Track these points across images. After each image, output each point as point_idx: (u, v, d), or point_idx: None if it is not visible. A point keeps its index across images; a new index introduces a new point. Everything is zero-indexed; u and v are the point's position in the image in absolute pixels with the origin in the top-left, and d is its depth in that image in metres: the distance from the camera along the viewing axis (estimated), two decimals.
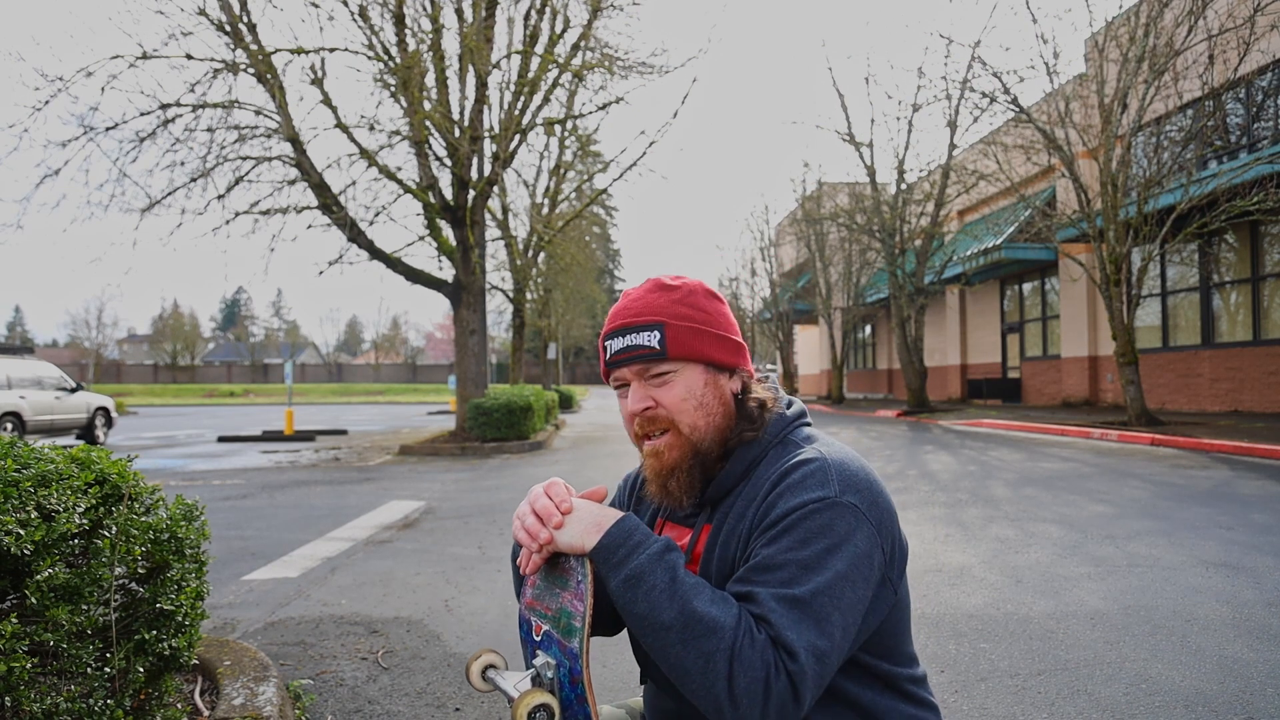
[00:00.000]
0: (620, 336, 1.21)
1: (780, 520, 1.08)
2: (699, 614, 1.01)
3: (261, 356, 76.58)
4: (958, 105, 17.11)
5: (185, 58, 11.42)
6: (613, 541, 1.09)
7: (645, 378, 1.20)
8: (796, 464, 1.13)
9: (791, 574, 1.04)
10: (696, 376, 1.20)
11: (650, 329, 1.19)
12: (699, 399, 1.19)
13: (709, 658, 0.99)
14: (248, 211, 12.38)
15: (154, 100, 11.42)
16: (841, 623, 1.04)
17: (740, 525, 1.15)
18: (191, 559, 2.08)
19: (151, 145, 11.64)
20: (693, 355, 1.20)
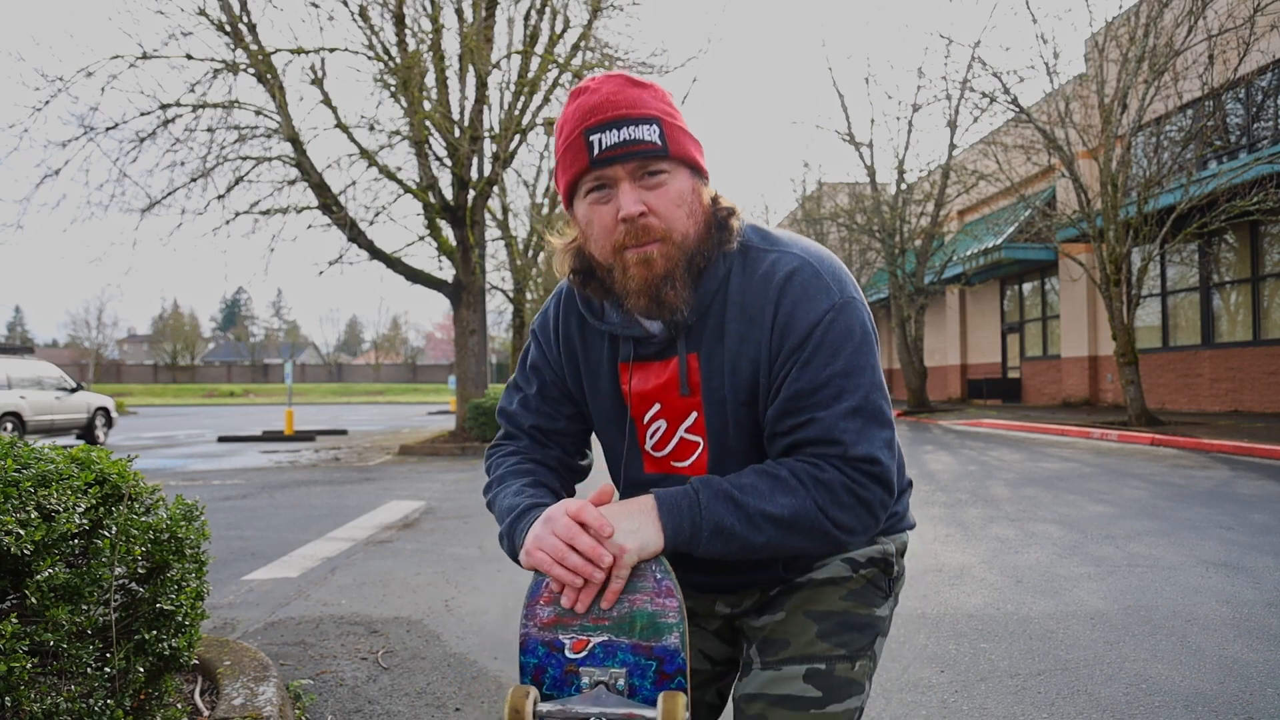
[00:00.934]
0: (615, 129, 1.07)
1: (805, 340, 1.09)
2: (782, 517, 1.06)
3: (261, 356, 76.57)
4: (958, 105, 17.11)
5: (185, 58, 11.42)
6: (678, 526, 1.06)
7: (638, 178, 1.09)
8: (788, 275, 1.12)
9: (839, 386, 1.08)
10: (685, 180, 1.12)
11: (649, 123, 1.08)
12: (689, 205, 1.12)
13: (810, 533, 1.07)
14: (248, 211, 12.38)
15: (154, 100, 11.43)
16: (886, 399, 1.13)
17: (746, 347, 1.13)
18: (191, 559, 2.08)
19: (151, 145, 11.65)
20: (684, 156, 1.12)
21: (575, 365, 1.28)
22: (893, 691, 2.69)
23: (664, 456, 1.23)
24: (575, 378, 1.29)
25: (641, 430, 1.24)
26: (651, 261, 1.10)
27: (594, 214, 1.12)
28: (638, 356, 1.21)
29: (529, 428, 1.33)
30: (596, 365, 1.25)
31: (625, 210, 1.08)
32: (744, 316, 1.13)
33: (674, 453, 1.22)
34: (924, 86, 17.61)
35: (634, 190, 1.09)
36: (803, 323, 1.09)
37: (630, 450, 1.25)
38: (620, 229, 1.09)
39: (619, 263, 1.12)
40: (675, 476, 1.21)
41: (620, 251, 1.11)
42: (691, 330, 1.16)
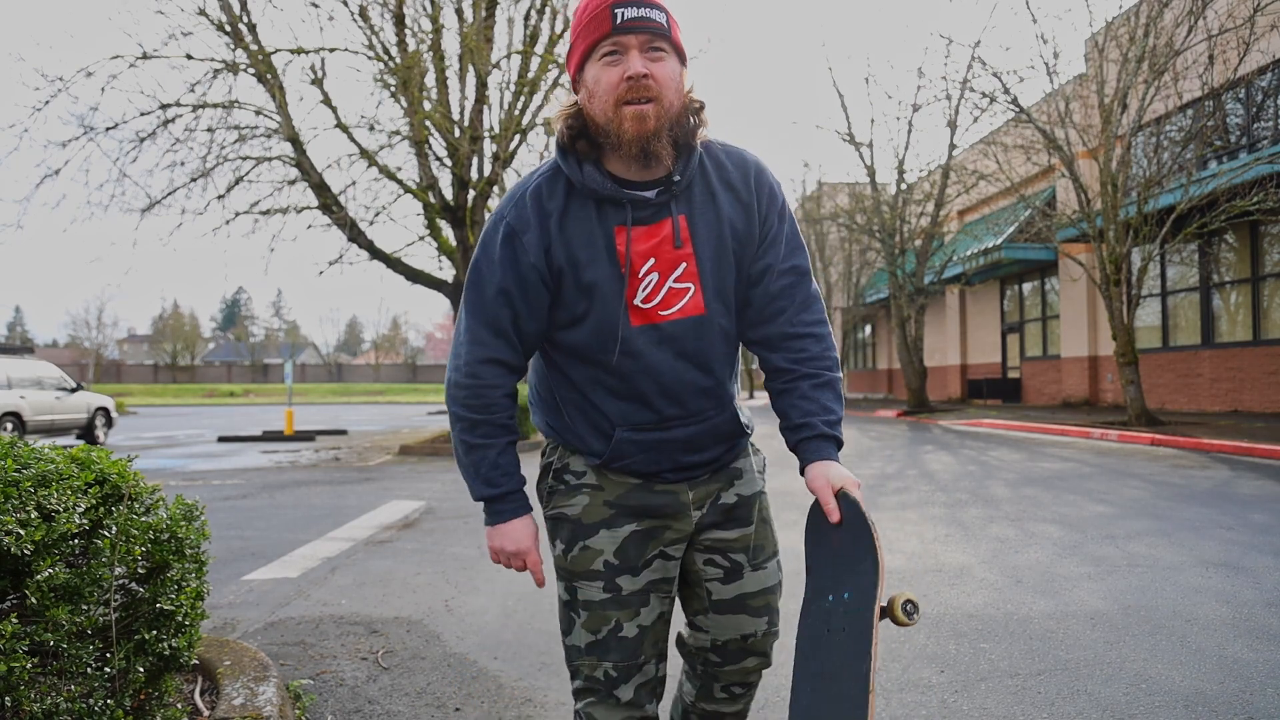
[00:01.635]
0: (635, 7, 1.36)
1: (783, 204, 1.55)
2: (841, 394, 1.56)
3: (261, 356, 76.55)
4: (958, 105, 17.11)
5: (185, 58, 11.43)
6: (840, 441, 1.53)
7: (646, 50, 1.37)
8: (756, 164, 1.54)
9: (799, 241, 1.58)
10: (675, 63, 1.41)
11: (659, 10, 1.38)
12: (676, 82, 1.40)
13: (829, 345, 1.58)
14: (248, 211, 12.39)
15: (154, 100, 11.44)
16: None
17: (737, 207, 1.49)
18: (191, 559, 2.08)
19: (151, 145, 11.66)
20: (679, 46, 1.42)
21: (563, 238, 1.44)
22: (893, 691, 2.69)
23: (651, 308, 1.46)
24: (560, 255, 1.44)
25: (634, 284, 1.45)
26: (645, 117, 1.35)
27: (603, 74, 1.38)
28: (636, 220, 1.44)
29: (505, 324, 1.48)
30: (587, 235, 1.44)
31: (633, 69, 1.35)
32: (728, 188, 1.49)
33: (662, 302, 1.46)
34: (924, 86, 17.61)
35: (640, 58, 1.36)
36: (778, 192, 1.54)
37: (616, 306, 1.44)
38: (624, 85, 1.35)
39: (617, 116, 1.37)
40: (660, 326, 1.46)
41: (620, 106, 1.36)
42: (680, 198, 1.46)
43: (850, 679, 1.29)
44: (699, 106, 1.45)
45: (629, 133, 1.36)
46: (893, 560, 4.55)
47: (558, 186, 1.45)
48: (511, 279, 1.45)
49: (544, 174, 1.48)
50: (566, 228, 1.44)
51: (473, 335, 1.49)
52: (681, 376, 1.48)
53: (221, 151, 11.76)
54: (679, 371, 1.48)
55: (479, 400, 1.49)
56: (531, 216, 1.44)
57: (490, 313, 1.47)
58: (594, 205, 1.43)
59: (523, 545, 1.53)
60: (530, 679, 2.90)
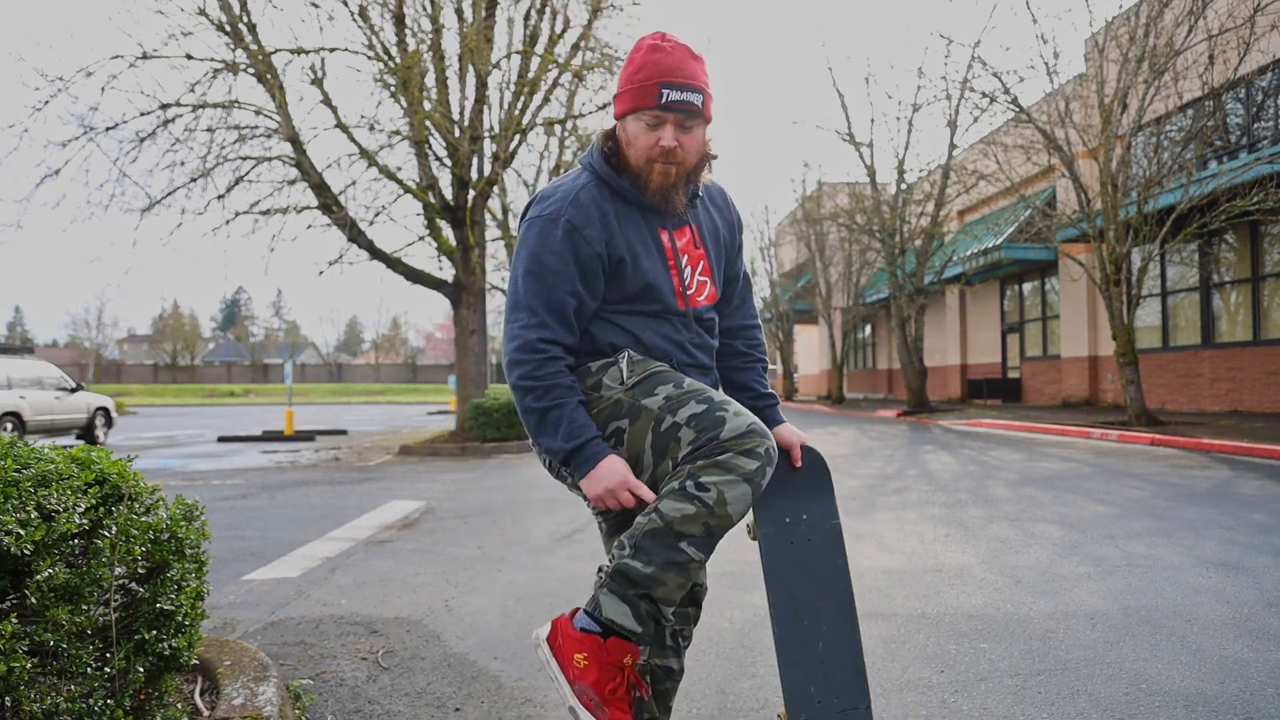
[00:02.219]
0: (680, 91, 1.65)
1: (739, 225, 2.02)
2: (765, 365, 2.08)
3: (261, 356, 76.52)
4: (958, 105, 17.11)
5: (185, 58, 11.43)
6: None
7: (678, 124, 1.68)
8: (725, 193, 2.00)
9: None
10: (704, 133, 1.75)
11: (699, 93, 1.68)
12: (700, 146, 1.75)
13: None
14: (248, 211, 12.38)
15: (154, 100, 11.44)
16: None
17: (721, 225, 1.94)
18: (191, 559, 2.08)
19: (151, 145, 11.65)
20: (709, 118, 1.74)
21: (624, 237, 1.75)
22: (892, 691, 2.69)
23: (692, 294, 1.84)
24: (621, 247, 1.74)
25: (676, 274, 1.82)
26: (669, 174, 1.72)
27: (642, 135, 1.69)
28: (675, 226, 1.84)
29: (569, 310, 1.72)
30: (640, 233, 1.78)
31: (667, 143, 1.67)
32: (717, 211, 1.95)
33: (696, 290, 1.86)
34: (924, 86, 17.62)
35: (675, 131, 1.69)
36: (740, 218, 2.02)
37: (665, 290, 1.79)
38: (657, 150, 1.68)
39: (647, 169, 1.71)
40: (698, 309, 1.86)
41: (651, 163, 1.70)
42: (692, 213, 1.88)
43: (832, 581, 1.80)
44: (712, 158, 1.83)
45: (655, 183, 1.72)
46: (892, 560, 4.55)
47: (605, 191, 1.76)
48: (576, 270, 1.71)
49: (588, 180, 1.77)
50: (623, 226, 1.76)
51: (537, 319, 1.69)
52: (704, 340, 1.88)
53: (221, 151, 11.76)
54: (702, 339, 1.87)
55: (546, 369, 1.68)
56: (593, 212, 1.73)
57: (556, 300, 1.70)
58: (638, 210, 1.78)
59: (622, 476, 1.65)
60: (530, 679, 2.90)
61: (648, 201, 1.75)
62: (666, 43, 1.68)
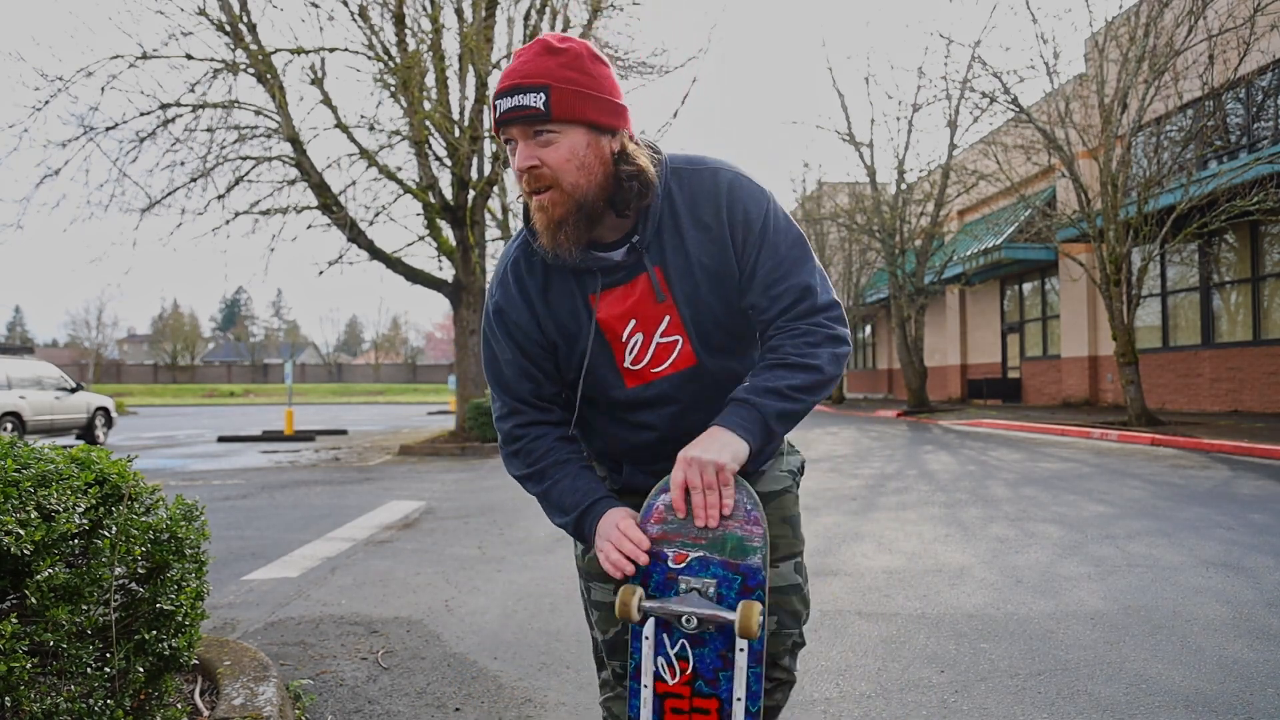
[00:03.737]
0: (509, 96, 1.27)
1: (761, 226, 1.38)
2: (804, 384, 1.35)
3: (261, 356, 76.54)
4: (958, 105, 17.10)
5: (185, 58, 11.43)
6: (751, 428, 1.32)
7: (530, 137, 1.28)
8: (725, 185, 1.38)
9: (798, 254, 1.41)
10: (579, 138, 1.28)
11: (536, 90, 1.25)
12: (581, 160, 1.29)
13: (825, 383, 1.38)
14: (248, 211, 12.38)
15: (154, 100, 11.44)
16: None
17: (708, 246, 1.38)
18: (191, 559, 2.08)
19: (151, 145, 11.65)
20: (575, 117, 1.27)
21: (550, 313, 1.44)
22: (893, 691, 2.69)
23: (642, 367, 1.44)
24: (553, 325, 1.44)
25: (620, 349, 1.43)
26: (545, 208, 1.30)
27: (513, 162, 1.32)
28: (606, 285, 1.40)
29: (525, 393, 1.49)
30: (570, 308, 1.42)
31: (516, 164, 1.30)
32: (697, 224, 1.38)
33: (652, 360, 1.43)
34: (924, 86, 17.60)
35: (527, 147, 1.29)
36: (755, 216, 1.38)
37: (607, 373, 1.44)
38: (523, 178, 1.30)
39: (532, 206, 1.33)
40: (655, 383, 1.44)
41: (529, 196, 1.32)
42: (652, 248, 1.38)
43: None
44: (635, 172, 1.32)
45: (538, 223, 1.33)
46: (892, 560, 4.55)
47: (535, 259, 1.43)
48: (516, 353, 1.46)
49: (519, 246, 1.45)
50: (551, 302, 1.43)
51: (506, 408, 1.50)
52: (686, 422, 1.44)
53: (221, 151, 11.76)
54: (682, 419, 1.45)
55: (533, 453, 1.47)
56: (516, 296, 1.44)
57: (509, 386, 1.49)
58: (571, 274, 1.41)
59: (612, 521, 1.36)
60: (530, 679, 2.90)
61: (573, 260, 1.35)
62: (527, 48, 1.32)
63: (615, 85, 1.33)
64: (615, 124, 1.31)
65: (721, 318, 1.42)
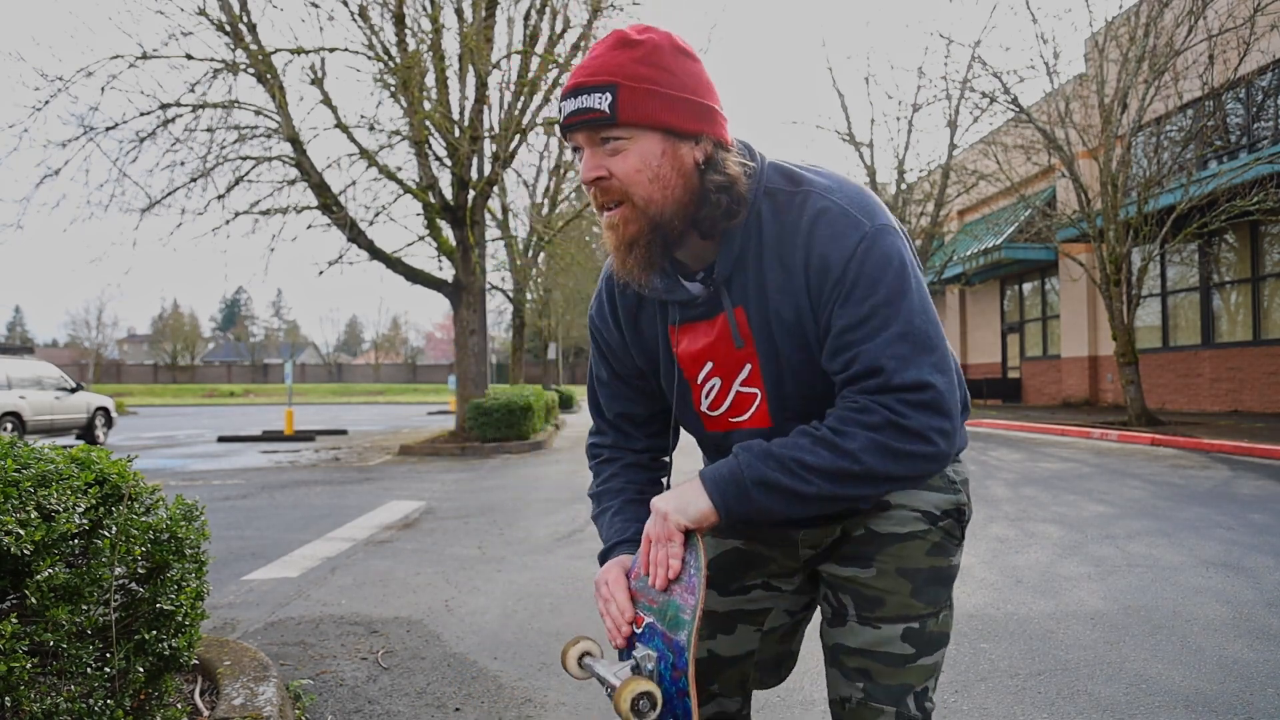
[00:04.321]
0: (573, 97, 1.10)
1: (843, 275, 1.09)
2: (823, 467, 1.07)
3: (261, 356, 76.55)
4: (958, 105, 17.10)
5: (185, 58, 11.42)
6: (724, 488, 1.11)
7: (597, 144, 1.11)
8: (814, 217, 1.12)
9: (883, 316, 1.09)
10: (653, 145, 1.10)
11: (602, 90, 1.08)
12: (654, 170, 1.10)
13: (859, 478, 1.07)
14: (248, 211, 12.38)
15: (154, 100, 11.43)
16: (933, 320, 1.13)
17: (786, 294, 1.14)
18: (191, 559, 2.08)
19: (151, 145, 11.64)
20: (647, 121, 1.09)
21: (638, 340, 1.31)
22: None
23: (721, 414, 1.26)
24: (640, 353, 1.32)
25: (696, 391, 1.27)
26: (615, 227, 1.13)
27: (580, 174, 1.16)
28: (685, 319, 1.23)
29: (614, 416, 1.40)
30: (652, 335, 1.29)
31: (582, 175, 1.12)
32: (780, 265, 1.14)
33: (731, 409, 1.25)
34: (924, 86, 17.60)
35: (594, 155, 1.11)
36: (836, 260, 1.10)
37: (687, 413, 1.30)
38: (591, 190, 1.13)
39: (602, 224, 1.16)
40: (737, 432, 1.26)
41: (599, 213, 1.15)
42: (733, 284, 1.17)
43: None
44: (722, 183, 1.12)
45: (608, 244, 1.15)
46: None
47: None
48: (609, 374, 1.38)
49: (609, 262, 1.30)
50: (639, 327, 1.30)
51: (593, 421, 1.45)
52: None
53: (221, 151, 11.75)
54: None
55: (597, 478, 1.41)
56: (608, 315, 1.34)
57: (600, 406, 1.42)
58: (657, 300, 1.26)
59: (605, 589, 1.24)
60: (530, 679, 2.90)
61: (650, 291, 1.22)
62: (600, 43, 1.15)
63: (705, 82, 1.14)
64: (699, 128, 1.12)
65: (805, 378, 1.18)
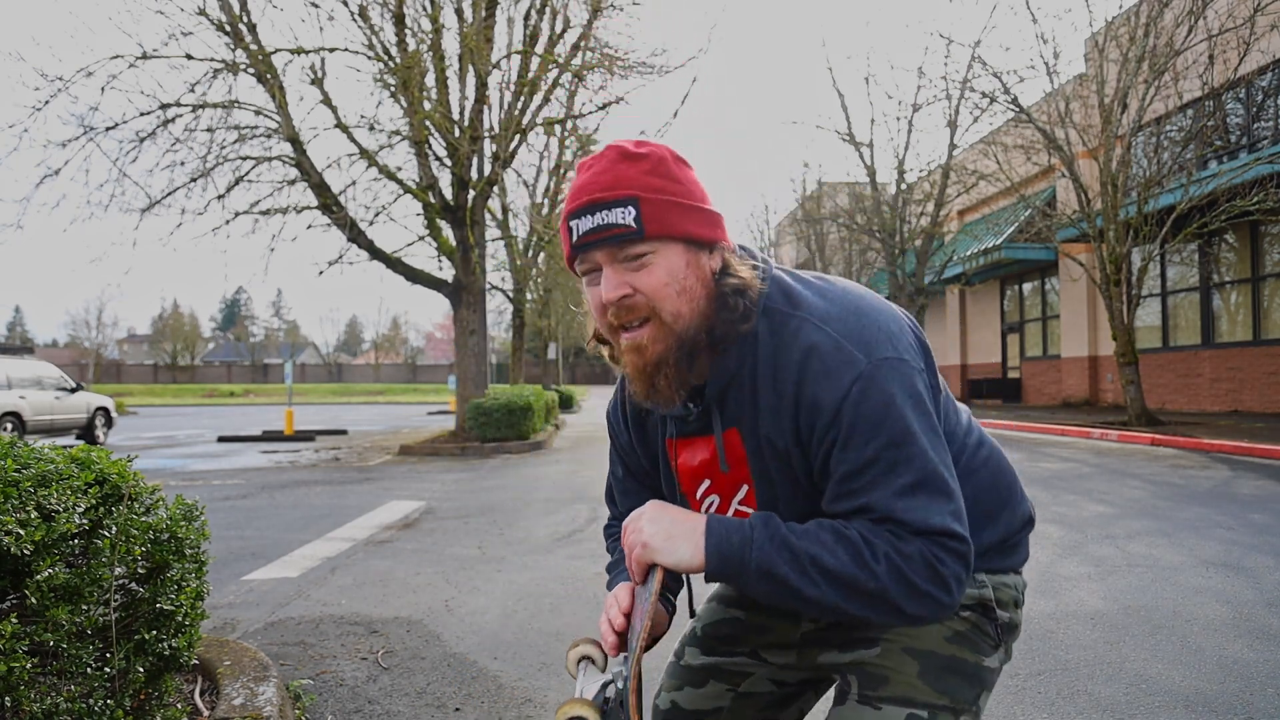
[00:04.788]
0: (589, 214, 1.05)
1: (837, 417, 1.02)
2: (840, 573, 0.98)
3: (261, 356, 76.57)
4: (958, 105, 17.12)
5: (185, 58, 11.42)
6: (724, 557, 1.03)
7: (619, 260, 1.06)
8: (805, 351, 1.05)
9: (888, 461, 1.00)
10: (677, 257, 1.06)
11: (624, 204, 1.04)
12: (681, 283, 1.06)
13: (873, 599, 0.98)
14: (248, 211, 12.38)
15: (154, 100, 11.42)
16: (947, 464, 1.03)
17: (778, 422, 1.08)
18: (191, 559, 2.08)
19: (151, 145, 11.64)
20: (672, 233, 1.05)
21: (644, 445, 1.30)
22: None
23: None
24: (646, 457, 1.32)
25: (695, 505, 1.22)
26: (641, 348, 1.07)
27: (590, 294, 1.11)
28: (682, 433, 1.19)
29: (625, 509, 1.41)
30: (654, 442, 1.27)
31: (605, 295, 1.06)
32: (774, 390, 1.08)
33: None
34: (924, 86, 17.63)
35: (616, 273, 1.06)
36: (828, 402, 1.02)
37: None
38: (610, 310, 1.07)
39: (616, 345, 1.11)
40: None
41: (615, 333, 1.10)
42: (727, 403, 1.12)
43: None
44: (735, 289, 1.08)
45: (629, 367, 1.09)
46: None
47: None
48: (624, 471, 1.40)
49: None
50: (645, 433, 1.29)
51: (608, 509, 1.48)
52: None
53: (221, 151, 11.75)
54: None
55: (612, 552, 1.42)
56: (620, 416, 1.33)
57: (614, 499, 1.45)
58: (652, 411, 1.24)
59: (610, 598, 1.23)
60: (530, 679, 2.90)
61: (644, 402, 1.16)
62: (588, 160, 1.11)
63: (705, 190, 1.12)
64: (715, 236, 1.09)
65: (799, 507, 1.11)
